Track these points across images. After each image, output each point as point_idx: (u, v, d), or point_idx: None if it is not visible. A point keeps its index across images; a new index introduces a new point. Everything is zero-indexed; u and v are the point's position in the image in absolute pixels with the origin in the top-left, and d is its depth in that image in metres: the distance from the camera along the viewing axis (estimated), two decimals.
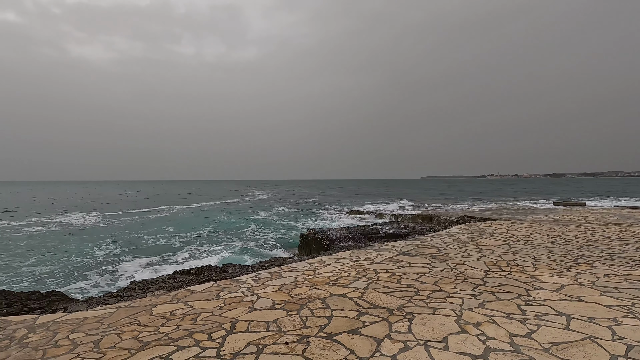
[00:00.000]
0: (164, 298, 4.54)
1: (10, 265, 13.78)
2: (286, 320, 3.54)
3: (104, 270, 12.95)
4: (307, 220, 28.30)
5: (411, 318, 3.52)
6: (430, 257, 6.43)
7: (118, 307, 4.27)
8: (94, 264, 13.90)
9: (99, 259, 14.82)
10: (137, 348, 3.03)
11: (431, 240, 8.22)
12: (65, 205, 47.24)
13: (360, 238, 11.73)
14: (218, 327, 3.42)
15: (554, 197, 42.83)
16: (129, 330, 3.46)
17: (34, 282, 11.31)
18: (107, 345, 3.11)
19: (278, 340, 3.08)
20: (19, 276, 12.13)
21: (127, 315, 3.93)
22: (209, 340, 3.13)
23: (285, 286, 4.81)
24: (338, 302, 4.05)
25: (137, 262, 14.04)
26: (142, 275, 11.63)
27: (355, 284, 4.78)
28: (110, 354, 2.95)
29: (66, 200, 60.39)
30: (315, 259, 6.85)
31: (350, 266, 5.87)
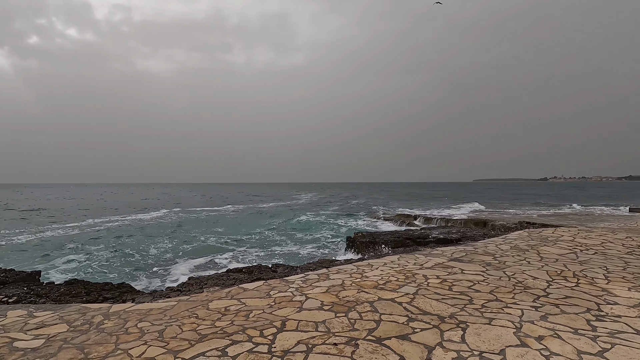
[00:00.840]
0: (218, 294, 4.80)
1: (89, 257, 15.43)
2: (334, 322, 3.57)
3: (165, 265, 13.98)
4: (353, 223, 28.18)
5: (465, 327, 3.37)
6: (485, 264, 6.09)
7: (178, 300, 4.60)
8: (156, 259, 15.06)
9: (160, 254, 16.03)
10: (196, 339, 3.25)
11: (485, 247, 7.79)
12: (140, 205, 51.71)
13: (408, 242, 11.43)
14: (269, 325, 3.55)
15: (631, 202, 38.34)
16: (189, 322, 3.71)
17: (108, 273, 12.55)
18: (170, 335, 3.36)
19: (327, 341, 3.11)
20: (94, 268, 13.53)
21: (186, 308, 4.21)
22: (261, 337, 3.26)
23: (333, 288, 4.84)
24: (386, 307, 3.99)
25: (193, 259, 14.96)
26: (197, 271, 12.38)
27: (404, 289, 4.68)
28: (172, 343, 3.18)
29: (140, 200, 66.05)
30: (363, 262, 6.81)
31: (398, 270, 5.76)
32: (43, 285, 6.15)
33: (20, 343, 3.26)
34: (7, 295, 5.17)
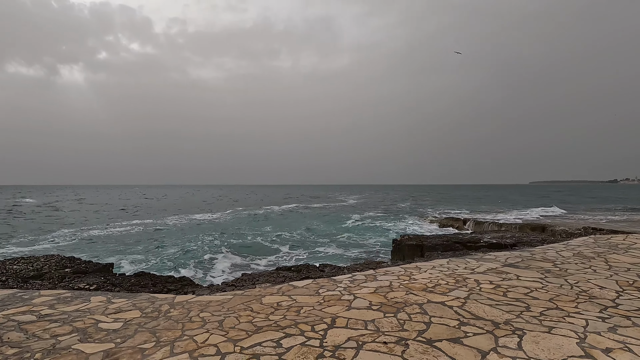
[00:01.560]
0: (270, 290, 5.04)
1: (153, 252, 16.83)
2: (383, 322, 3.61)
3: (218, 261, 14.82)
4: (399, 225, 27.66)
5: (521, 334, 3.24)
6: (544, 271, 5.74)
7: (234, 294, 4.91)
8: (210, 255, 15.99)
9: (214, 251, 16.99)
10: (252, 331, 3.47)
11: (544, 253, 7.31)
12: (199, 205, 55.18)
13: (457, 246, 11.03)
14: (319, 321, 3.68)
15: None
16: (245, 314, 3.97)
17: (170, 267, 13.60)
18: (229, 326, 3.62)
19: (376, 339, 3.17)
20: (158, 262, 14.72)
21: (242, 302, 4.49)
22: (313, 332, 3.40)
23: (381, 289, 4.87)
24: (436, 309, 3.95)
25: (244, 256, 15.70)
26: (248, 268, 12.96)
27: (455, 293, 4.58)
28: (231, 332, 3.43)
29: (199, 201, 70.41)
30: (410, 264, 6.73)
31: (448, 274, 5.63)
32: (116, 275, 6.88)
33: (103, 324, 3.71)
34: (88, 283, 5.86)
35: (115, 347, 3.13)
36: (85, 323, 3.75)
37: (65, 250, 17.00)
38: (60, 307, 4.31)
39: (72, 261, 7.79)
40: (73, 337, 3.37)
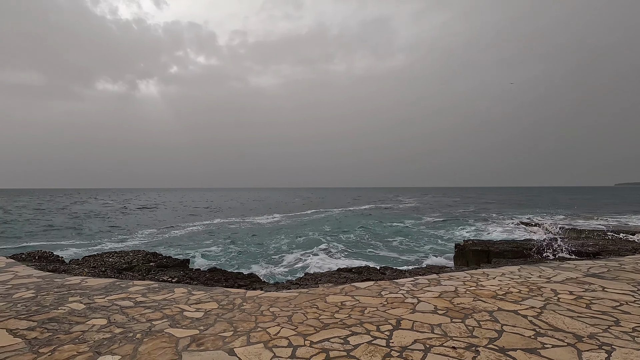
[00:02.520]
0: (333, 290, 5.19)
1: (223, 250, 18.13)
2: (451, 326, 3.55)
3: (281, 261, 15.47)
4: (461, 229, 26.30)
5: (609, 350, 2.98)
6: (636, 283, 5.14)
7: (299, 292, 5.15)
8: (274, 255, 16.77)
9: (276, 251, 17.77)
10: (319, 327, 3.64)
11: (636, 264, 6.51)
12: (259, 207, 58.13)
13: (529, 253, 10.22)
14: (384, 322, 3.73)
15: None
16: (311, 311, 4.16)
17: (239, 264, 14.55)
18: (297, 321, 3.84)
19: (444, 344, 3.14)
20: (228, 259, 15.81)
21: (307, 299, 4.70)
22: (378, 332, 3.46)
23: (446, 294, 4.76)
24: (508, 318, 3.77)
25: (304, 256, 16.17)
26: (310, 267, 13.35)
27: (529, 302, 4.31)
28: (300, 327, 3.64)
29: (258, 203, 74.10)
30: (477, 270, 6.44)
31: (520, 282, 5.30)
32: (193, 270, 7.58)
33: (187, 313, 4.15)
34: (170, 276, 6.55)
35: (199, 334, 3.49)
36: (173, 311, 4.22)
37: (150, 246, 19.01)
38: (150, 295, 4.90)
39: (155, 256, 8.74)
40: (164, 322, 3.83)
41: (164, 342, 3.29)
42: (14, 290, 5.05)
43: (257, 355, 2.97)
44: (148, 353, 3.04)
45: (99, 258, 8.58)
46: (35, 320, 3.83)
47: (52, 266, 7.51)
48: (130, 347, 3.16)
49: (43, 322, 3.76)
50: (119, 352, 3.07)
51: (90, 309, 4.22)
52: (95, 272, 6.89)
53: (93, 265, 7.73)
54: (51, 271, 6.80)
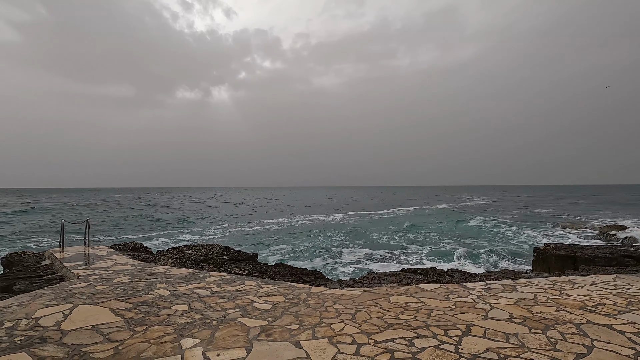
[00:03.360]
0: (397, 290, 5.10)
1: (290, 247, 18.90)
2: (529, 337, 3.26)
3: (345, 259, 15.61)
4: (540, 232, 23.86)
5: None
6: None
7: (362, 291, 5.15)
8: (338, 253, 16.98)
9: (341, 249, 17.96)
10: (383, 327, 3.60)
11: None
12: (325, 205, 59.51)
13: (627, 260, 8.88)
14: (452, 327, 3.56)
15: None
16: (375, 311, 4.14)
17: (303, 260, 15.05)
18: (361, 319, 3.85)
19: (522, 355, 2.90)
20: (293, 255, 16.45)
21: (370, 298, 4.68)
22: (446, 336, 3.32)
23: (523, 301, 4.38)
24: (600, 333, 3.35)
25: (369, 255, 16.10)
26: (372, 266, 13.26)
27: (627, 316, 3.77)
28: (364, 326, 3.64)
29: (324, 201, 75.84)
30: (560, 277, 5.81)
31: (615, 293, 4.66)
32: (261, 265, 8.02)
33: (257, 304, 4.41)
34: (241, 269, 7.02)
35: (268, 325, 3.69)
36: (244, 301, 4.52)
37: (222, 240, 20.55)
38: (224, 286, 5.30)
39: (228, 250, 9.42)
40: (237, 311, 4.12)
41: (236, 330, 3.54)
42: (114, 276, 5.85)
43: (322, 350, 3.05)
44: (223, 339, 3.31)
45: (180, 250, 9.50)
46: (131, 302, 4.39)
47: (142, 256, 8.51)
48: (207, 332, 3.46)
49: (137, 305, 4.29)
50: (199, 336, 3.38)
51: (174, 296, 4.71)
52: (177, 262, 7.65)
53: (175, 256, 8.59)
54: (142, 260, 7.71)
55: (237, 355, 2.96)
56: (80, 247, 9.39)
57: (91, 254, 8.25)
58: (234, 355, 2.97)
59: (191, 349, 3.10)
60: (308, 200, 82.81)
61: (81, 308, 4.13)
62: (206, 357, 2.93)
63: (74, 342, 3.24)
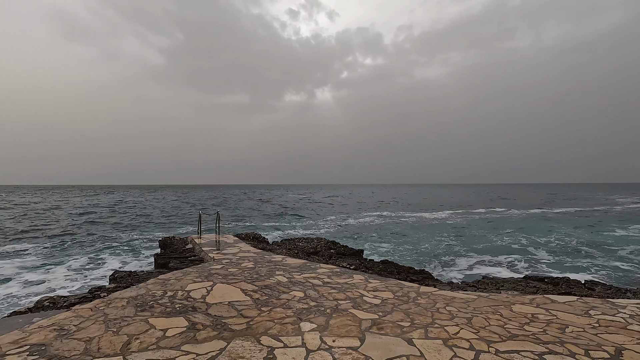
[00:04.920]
0: (520, 299, 4.59)
1: (393, 244, 18.78)
2: None
3: (452, 260, 14.68)
4: None
5: None
6: None
7: (478, 295, 4.79)
8: (444, 253, 16.10)
9: (447, 249, 16.98)
10: (506, 336, 3.31)
11: None
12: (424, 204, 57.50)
13: None
14: (596, 347, 3.06)
15: None
16: (494, 318, 3.82)
17: (408, 258, 14.77)
18: (478, 325, 3.60)
19: None
20: (396, 253, 16.26)
21: (488, 304, 4.33)
22: (586, 356, 2.88)
23: None
24: None
25: (479, 258, 14.80)
26: (485, 270, 12.16)
27: None
28: (482, 332, 3.40)
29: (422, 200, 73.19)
30: None
31: None
32: (367, 260, 8.17)
33: (366, 298, 4.53)
34: (348, 263, 7.27)
35: (379, 319, 3.77)
36: (354, 294, 4.69)
37: (327, 234, 21.55)
38: (334, 278, 5.58)
39: (334, 244, 9.85)
40: (347, 303, 4.31)
41: (349, 320, 3.71)
42: (241, 261, 6.72)
43: (437, 351, 2.98)
44: (337, 327, 3.51)
45: (292, 242, 10.33)
46: (257, 285, 5.00)
47: (261, 245, 9.55)
48: (323, 319, 3.72)
49: (261, 288, 4.87)
50: (315, 321, 3.66)
51: (291, 283, 5.18)
52: (291, 253, 8.34)
53: (288, 247, 9.38)
54: (261, 249, 8.65)
55: (351, 344, 3.12)
56: (212, 234, 11.04)
57: (221, 241, 9.62)
58: (348, 343, 3.14)
59: (309, 332, 3.38)
60: (409, 197, 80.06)
61: (219, 286, 4.89)
62: (323, 342, 3.17)
63: (216, 313, 3.87)
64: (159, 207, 44.56)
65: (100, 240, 19.52)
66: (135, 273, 6.38)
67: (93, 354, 2.90)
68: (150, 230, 24.11)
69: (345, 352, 2.97)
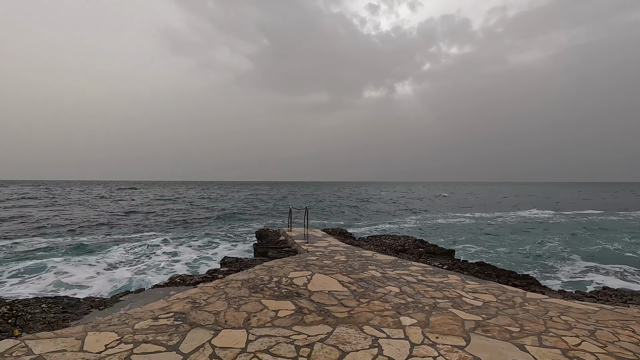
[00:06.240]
0: None
1: (489, 246, 17.55)
2: None
3: (558, 265, 13.07)
4: None
5: None
6: None
7: (600, 307, 4.26)
8: (547, 258, 14.42)
9: (547, 253, 15.16)
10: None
11: None
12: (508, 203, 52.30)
13: None
14: None
15: None
16: (624, 334, 3.37)
17: (504, 262, 13.64)
18: (605, 339, 3.22)
19: None
20: (490, 255, 15.12)
21: (614, 318, 3.83)
22: None
23: None
24: None
25: (587, 265, 12.89)
26: (603, 279, 10.57)
27: None
28: (611, 347, 3.04)
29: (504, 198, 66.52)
30: None
31: None
32: (460, 261, 7.78)
33: (465, 299, 4.38)
34: (440, 263, 7.05)
35: (483, 321, 3.63)
36: (451, 294, 4.58)
37: (412, 232, 21.02)
38: (428, 276, 5.50)
39: (423, 243, 9.60)
40: (446, 302, 4.23)
41: (450, 319, 3.66)
42: (333, 254, 7.03)
43: None
44: (439, 325, 3.50)
45: (378, 239, 10.36)
46: (352, 277, 5.20)
47: (348, 240, 9.79)
48: (422, 316, 3.73)
49: (357, 280, 5.06)
50: (415, 317, 3.69)
51: (385, 278, 5.26)
52: (379, 249, 8.40)
53: (375, 244, 9.45)
54: (349, 244, 8.88)
55: (455, 342, 3.09)
56: (300, 228, 11.67)
57: (309, 234, 10.13)
58: (452, 341, 3.11)
59: (410, 326, 3.43)
60: (498, 196, 72.84)
61: (317, 276, 5.23)
62: (426, 337, 3.19)
63: (319, 300, 4.17)
64: (249, 201, 48.51)
65: (209, 227, 22.36)
66: (240, 259, 7.14)
67: (222, 325, 3.40)
68: (245, 221, 26.47)
69: (451, 349, 2.96)
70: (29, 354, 2.76)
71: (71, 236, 18.63)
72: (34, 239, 17.16)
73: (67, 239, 17.45)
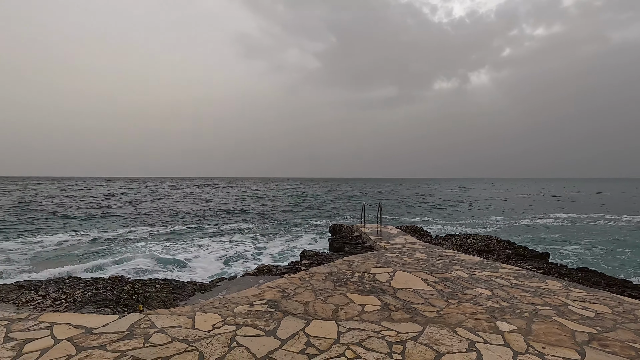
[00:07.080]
0: None
1: (591, 249, 15.57)
2: None
3: None
4: None
5: None
6: None
7: None
8: None
9: None
10: None
11: None
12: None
13: None
14: None
15: None
16: None
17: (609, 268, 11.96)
18: None
19: None
20: (597, 260, 13.37)
21: None
22: None
23: None
24: None
25: None
26: None
27: None
28: None
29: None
30: None
31: None
32: (557, 266, 6.99)
33: (572, 308, 3.90)
34: (534, 266, 6.41)
35: (598, 334, 3.21)
36: (554, 301, 4.13)
37: (493, 231, 19.49)
38: (522, 280, 5.03)
39: (510, 244, 8.82)
40: (549, 309, 3.83)
41: (556, 328, 3.31)
42: (412, 252, 6.84)
43: None
44: (543, 334, 3.18)
45: (458, 238, 9.80)
46: (436, 277, 5.01)
47: (425, 238, 9.44)
48: (522, 322, 3.43)
49: (442, 280, 4.85)
50: (513, 323, 3.41)
51: (473, 279, 4.96)
52: (460, 249, 7.95)
53: (455, 243, 8.96)
54: (426, 242, 8.56)
55: (567, 355, 2.78)
56: (373, 224, 11.57)
57: (383, 231, 9.99)
58: (563, 353, 2.81)
59: (509, 332, 3.18)
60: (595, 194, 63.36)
61: (399, 273, 5.14)
62: (530, 346, 2.94)
63: (404, 298, 4.09)
64: (319, 198, 49.59)
65: (288, 222, 23.58)
66: (319, 253, 7.35)
67: (312, 315, 3.54)
68: (316, 216, 27.18)
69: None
70: (153, 327, 3.19)
71: (178, 224, 21.26)
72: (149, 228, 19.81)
73: (171, 227, 19.91)
